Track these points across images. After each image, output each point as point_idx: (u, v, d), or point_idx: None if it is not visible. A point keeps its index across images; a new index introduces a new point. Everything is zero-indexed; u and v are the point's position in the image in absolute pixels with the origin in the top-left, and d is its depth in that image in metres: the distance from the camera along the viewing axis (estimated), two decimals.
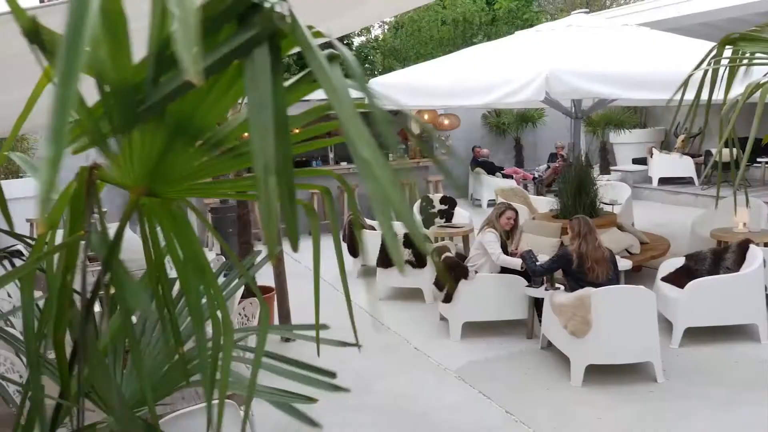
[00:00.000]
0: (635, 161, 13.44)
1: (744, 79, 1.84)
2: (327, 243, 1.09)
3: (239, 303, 4.19)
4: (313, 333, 1.69)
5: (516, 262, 5.35)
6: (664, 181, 12.14)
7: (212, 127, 0.79)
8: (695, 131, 11.38)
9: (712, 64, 1.93)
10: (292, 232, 0.64)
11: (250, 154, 0.59)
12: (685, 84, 1.96)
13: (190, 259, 0.95)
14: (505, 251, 5.59)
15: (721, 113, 1.82)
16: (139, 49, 0.68)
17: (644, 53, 6.10)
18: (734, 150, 1.93)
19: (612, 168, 13.28)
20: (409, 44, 18.58)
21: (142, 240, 0.95)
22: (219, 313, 1.10)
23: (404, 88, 6.80)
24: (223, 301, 1.05)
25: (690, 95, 2.03)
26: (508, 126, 14.12)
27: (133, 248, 1.32)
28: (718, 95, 1.94)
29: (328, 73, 0.58)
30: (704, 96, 2.03)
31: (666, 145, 13.40)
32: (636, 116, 13.32)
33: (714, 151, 11.71)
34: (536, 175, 12.73)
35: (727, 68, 1.88)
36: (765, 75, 1.67)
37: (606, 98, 6.39)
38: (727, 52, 1.91)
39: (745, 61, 1.89)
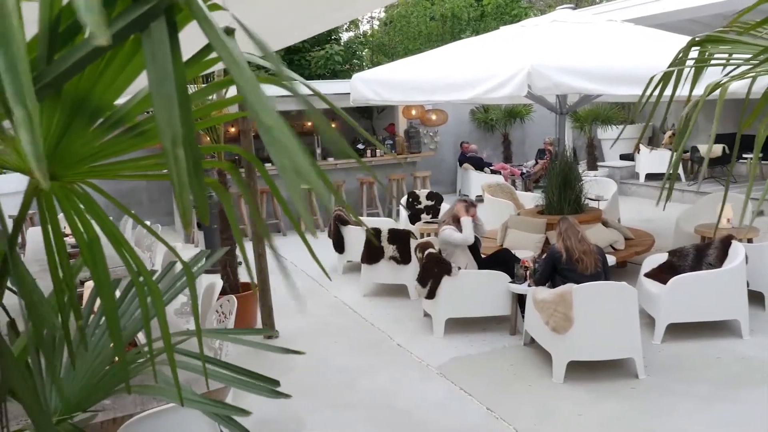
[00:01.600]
0: (623, 157, 13.46)
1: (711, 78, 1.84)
2: (315, 240, 1.03)
3: (217, 300, 4.13)
4: (258, 338, 1.64)
5: (467, 222, 5.42)
6: (651, 176, 12.16)
7: (111, 106, 0.76)
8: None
9: (684, 64, 1.92)
10: (201, 207, 0.63)
11: (154, 130, 0.56)
12: (650, 82, 1.95)
13: (108, 236, 0.93)
14: (476, 249, 5.60)
15: (684, 112, 1.81)
16: (30, 26, 0.63)
17: (628, 49, 6.08)
18: (708, 149, 1.93)
19: (599, 164, 13.30)
20: (397, 39, 18.54)
21: (41, 227, 0.91)
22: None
23: (388, 83, 6.74)
24: (143, 266, 1.03)
25: (668, 93, 2.02)
26: (496, 122, 14.10)
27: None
28: (696, 92, 1.93)
29: (226, 45, 0.54)
30: (682, 93, 2.03)
31: (654, 141, 13.44)
32: (623, 112, 13.32)
33: (700, 146, 11.70)
34: (524, 171, 12.73)
35: (693, 68, 1.88)
36: (725, 75, 1.66)
37: (590, 94, 6.37)
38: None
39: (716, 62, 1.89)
